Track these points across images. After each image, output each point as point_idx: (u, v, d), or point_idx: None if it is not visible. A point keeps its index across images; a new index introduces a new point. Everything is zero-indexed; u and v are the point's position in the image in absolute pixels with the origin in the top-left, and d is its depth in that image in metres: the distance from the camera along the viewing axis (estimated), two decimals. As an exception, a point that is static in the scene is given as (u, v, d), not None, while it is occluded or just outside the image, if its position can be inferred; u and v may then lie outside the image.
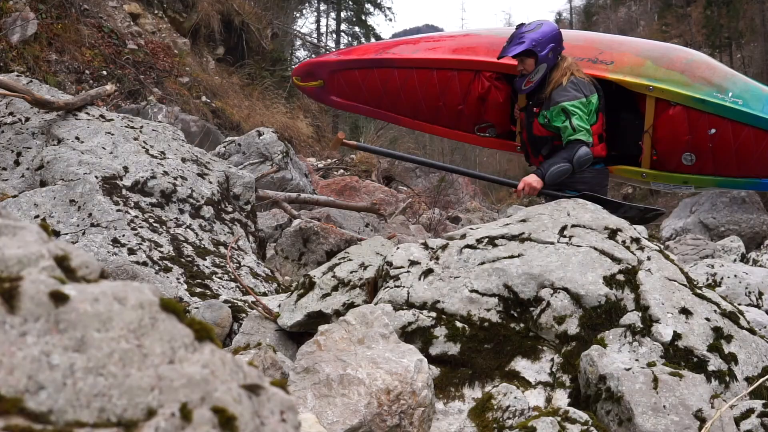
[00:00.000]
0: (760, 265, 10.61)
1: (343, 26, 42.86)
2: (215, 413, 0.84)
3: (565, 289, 2.98)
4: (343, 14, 43.14)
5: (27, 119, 5.15)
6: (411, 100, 5.77)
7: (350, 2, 42.68)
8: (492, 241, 3.29)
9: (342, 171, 16.76)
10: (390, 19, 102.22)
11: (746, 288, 6.80)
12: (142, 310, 0.88)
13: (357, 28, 42.76)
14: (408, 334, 2.96)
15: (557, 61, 4.78)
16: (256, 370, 0.95)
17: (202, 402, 0.84)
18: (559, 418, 2.27)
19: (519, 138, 5.32)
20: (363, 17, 42.94)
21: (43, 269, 0.91)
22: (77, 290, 0.86)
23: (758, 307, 6.48)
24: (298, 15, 38.49)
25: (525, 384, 2.82)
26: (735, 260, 11.73)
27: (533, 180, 4.55)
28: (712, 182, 5.35)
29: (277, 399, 0.93)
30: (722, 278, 6.98)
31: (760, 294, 6.76)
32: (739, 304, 6.02)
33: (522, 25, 4.89)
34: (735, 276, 6.98)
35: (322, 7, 42.78)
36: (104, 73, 14.73)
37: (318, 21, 42.72)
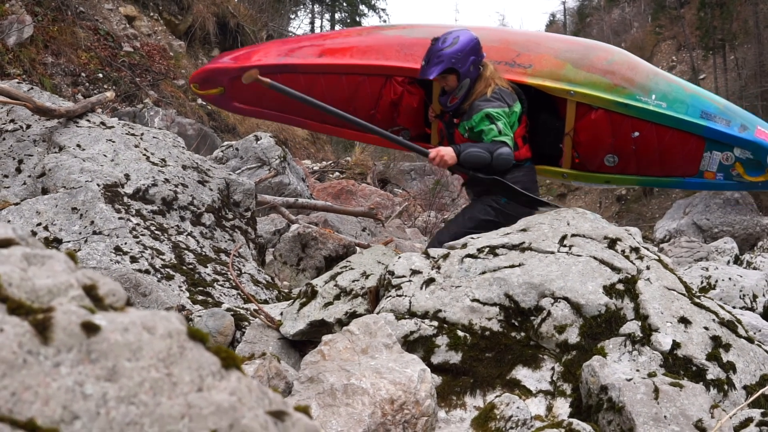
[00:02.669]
0: (754, 267, 10.66)
1: (337, 27, 42.95)
2: (243, 440, 0.87)
3: (566, 299, 3.01)
4: (337, 16, 43.26)
5: (28, 126, 5.16)
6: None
7: (344, 3, 42.78)
8: (493, 250, 3.32)
9: (337, 174, 16.78)
10: (384, 21, 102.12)
11: (740, 291, 6.83)
12: (170, 339, 0.90)
13: (351, 30, 42.81)
14: (410, 343, 2.99)
15: (479, 72, 4.68)
16: (280, 396, 0.98)
17: (231, 429, 0.87)
18: (563, 430, 2.30)
19: (439, 145, 5.08)
20: (357, 18, 43.06)
21: (73, 299, 0.93)
22: (107, 320, 0.88)
23: (752, 310, 6.52)
24: (293, 17, 38.57)
25: (526, 392, 2.85)
26: (728, 262, 11.77)
27: (448, 154, 4.45)
28: (635, 181, 5.33)
29: (301, 424, 0.96)
30: (716, 281, 7.02)
31: (755, 297, 6.80)
32: (734, 307, 6.07)
33: (436, 40, 4.68)
34: (729, 279, 7.02)
35: (317, 8, 42.87)
36: (100, 75, 14.74)
37: (312, 23, 42.86)
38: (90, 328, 0.86)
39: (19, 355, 0.80)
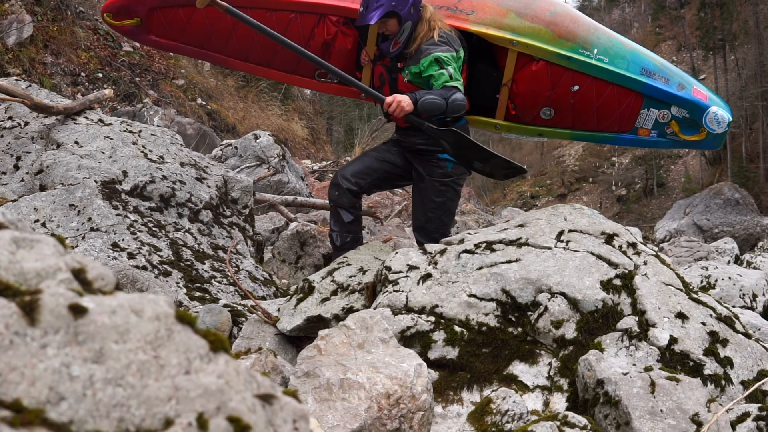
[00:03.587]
0: (754, 267, 10.66)
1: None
2: (230, 422, 0.86)
3: (563, 294, 3.01)
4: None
5: (26, 124, 5.17)
6: (244, 42, 5.04)
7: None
8: (490, 246, 3.31)
9: (337, 173, 16.75)
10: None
11: (740, 290, 6.83)
12: (158, 322, 0.90)
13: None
14: (407, 339, 2.98)
15: (420, 14, 4.46)
16: (269, 380, 0.97)
17: (218, 412, 0.87)
18: (558, 423, 2.29)
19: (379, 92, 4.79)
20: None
21: (61, 282, 0.93)
22: (95, 302, 0.88)
23: (752, 309, 6.52)
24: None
25: (523, 388, 2.85)
26: (729, 262, 11.77)
27: (405, 101, 4.20)
28: (568, 135, 5.21)
29: (289, 408, 0.95)
30: (716, 280, 7.02)
31: (754, 296, 6.80)
32: (733, 306, 6.06)
33: None
34: (729, 278, 7.02)
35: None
36: (100, 75, 14.74)
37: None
38: (77, 311, 0.86)
39: (5, 336, 0.80)
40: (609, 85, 4.79)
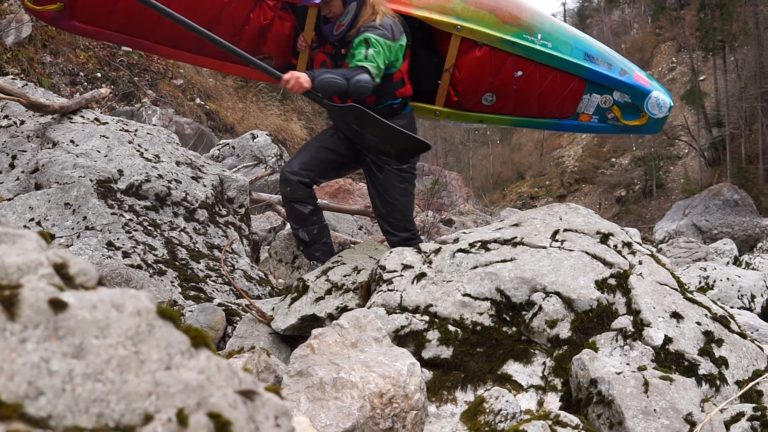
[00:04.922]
0: (753, 268, 10.67)
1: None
2: (211, 418, 0.86)
3: (557, 293, 3.00)
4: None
5: (22, 122, 5.17)
6: (173, 28, 4.71)
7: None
8: (485, 245, 3.31)
9: (336, 173, 16.72)
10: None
11: (738, 291, 6.84)
12: (139, 317, 0.90)
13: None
14: (401, 338, 2.98)
15: None
16: (251, 376, 0.97)
17: (198, 407, 0.86)
18: (550, 422, 2.29)
19: None
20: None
21: (42, 277, 0.92)
22: (76, 297, 0.88)
23: (750, 310, 6.53)
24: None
25: (517, 387, 2.84)
26: (728, 263, 11.78)
27: (303, 78, 4.04)
28: (509, 122, 5.14)
29: (271, 404, 0.95)
30: (715, 281, 7.02)
31: (752, 297, 6.80)
32: (732, 307, 6.06)
33: None
34: (727, 279, 7.02)
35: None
36: (98, 75, 14.73)
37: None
38: (58, 305, 0.85)
39: (-16, 330, 0.80)
40: (552, 71, 4.78)
